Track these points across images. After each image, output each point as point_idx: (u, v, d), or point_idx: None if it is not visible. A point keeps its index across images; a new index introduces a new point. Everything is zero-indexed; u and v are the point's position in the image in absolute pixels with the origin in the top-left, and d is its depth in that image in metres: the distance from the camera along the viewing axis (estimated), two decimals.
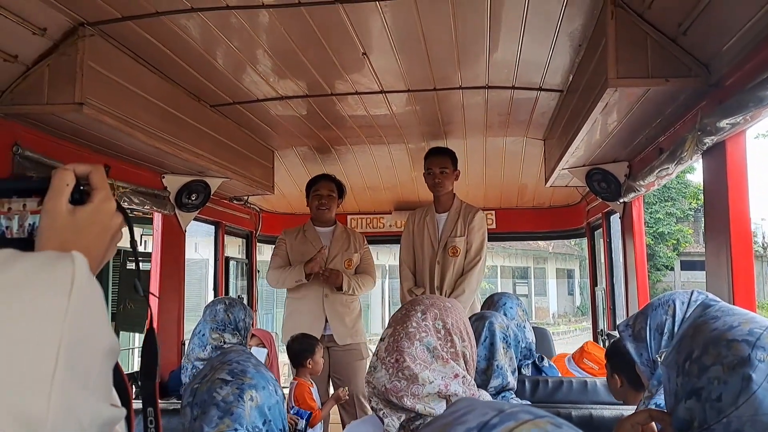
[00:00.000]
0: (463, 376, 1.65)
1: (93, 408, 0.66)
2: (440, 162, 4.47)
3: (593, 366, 3.78)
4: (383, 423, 1.55)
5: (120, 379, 0.93)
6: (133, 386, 4.21)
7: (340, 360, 4.73)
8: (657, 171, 3.16)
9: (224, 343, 3.59)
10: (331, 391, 4.71)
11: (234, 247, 7.23)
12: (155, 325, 4.08)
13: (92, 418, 0.65)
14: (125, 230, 1.05)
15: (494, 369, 2.40)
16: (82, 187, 0.96)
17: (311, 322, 4.68)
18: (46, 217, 0.92)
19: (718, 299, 1.37)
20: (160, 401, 3.25)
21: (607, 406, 2.71)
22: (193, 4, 2.56)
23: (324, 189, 4.86)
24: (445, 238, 4.52)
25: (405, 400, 1.52)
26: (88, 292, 0.69)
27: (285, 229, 5.08)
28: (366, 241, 5.09)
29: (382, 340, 1.65)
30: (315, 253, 4.72)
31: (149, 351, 1.19)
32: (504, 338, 2.47)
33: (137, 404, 1.33)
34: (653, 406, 1.78)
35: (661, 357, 1.40)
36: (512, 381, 2.43)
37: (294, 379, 4.25)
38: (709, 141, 2.42)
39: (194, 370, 3.71)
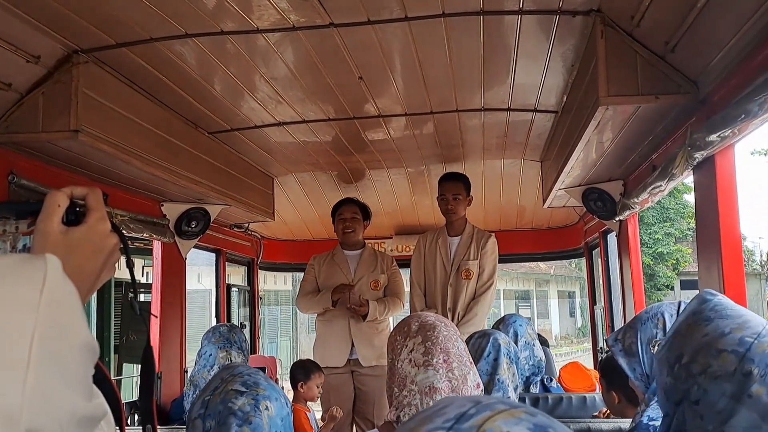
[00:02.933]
0: (480, 386, 1.68)
1: (71, 402, 0.66)
2: (453, 188, 4.50)
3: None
4: None
5: (113, 397, 0.93)
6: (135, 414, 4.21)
7: (366, 385, 4.71)
8: (650, 188, 3.18)
9: (231, 361, 3.60)
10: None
11: (238, 276, 7.25)
12: (156, 354, 4.05)
13: (70, 412, 0.65)
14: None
15: (495, 383, 2.41)
16: (78, 209, 0.99)
17: (338, 347, 4.70)
18: (38, 237, 0.94)
19: (716, 293, 1.37)
20: (162, 428, 3.23)
21: (605, 420, 2.71)
22: (187, 30, 2.60)
23: (347, 212, 4.87)
24: (458, 261, 4.55)
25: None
26: (60, 289, 0.70)
27: (314, 255, 5.09)
28: (395, 263, 5.07)
29: (411, 351, 1.66)
30: (341, 277, 4.75)
31: (147, 368, 1.20)
32: (507, 354, 2.49)
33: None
34: (646, 418, 1.78)
35: (654, 348, 1.40)
36: (513, 396, 2.43)
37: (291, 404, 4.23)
38: (699, 156, 2.45)
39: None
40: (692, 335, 1.27)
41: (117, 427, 0.93)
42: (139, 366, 1.23)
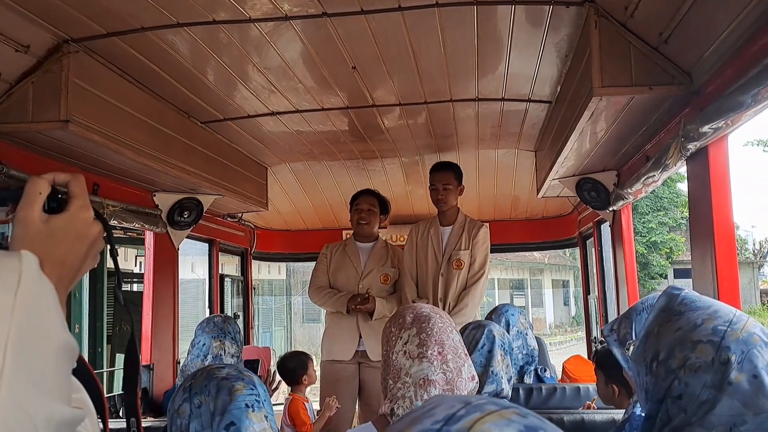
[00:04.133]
0: (475, 378, 1.67)
1: (47, 407, 0.65)
2: (443, 178, 4.46)
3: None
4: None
5: (95, 391, 0.92)
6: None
7: (372, 378, 4.68)
8: (644, 178, 3.19)
9: (225, 351, 3.60)
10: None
11: (231, 266, 7.24)
12: (148, 345, 4.04)
13: (46, 417, 0.65)
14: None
15: (489, 375, 2.41)
16: (60, 196, 0.95)
17: (346, 339, 4.68)
18: (18, 225, 0.91)
19: (681, 287, 1.37)
20: (154, 420, 3.22)
21: (599, 411, 2.71)
22: (179, 19, 2.58)
23: (365, 203, 4.80)
24: (450, 251, 4.53)
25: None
26: (36, 290, 0.69)
27: (327, 244, 5.03)
28: None
29: (405, 343, 1.66)
30: (351, 269, 4.74)
31: (131, 361, 1.18)
32: (502, 345, 2.49)
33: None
34: (639, 409, 1.78)
35: (629, 350, 1.41)
36: (507, 388, 2.43)
37: (290, 394, 4.24)
38: (692, 147, 2.44)
39: None
40: (666, 331, 1.27)
41: (100, 419, 0.93)
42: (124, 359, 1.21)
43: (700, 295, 1.32)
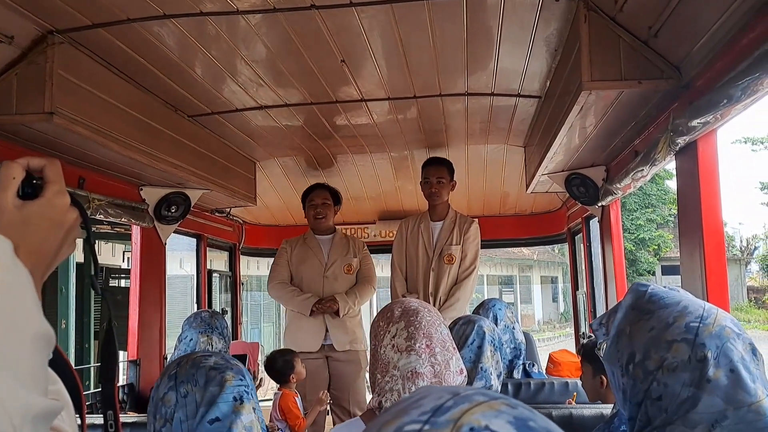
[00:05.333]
0: (463, 372, 1.67)
1: (23, 400, 0.63)
2: (437, 172, 4.49)
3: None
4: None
5: (73, 384, 0.91)
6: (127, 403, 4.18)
7: (340, 371, 4.72)
8: (632, 173, 3.19)
9: (212, 346, 3.59)
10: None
11: (220, 262, 7.22)
12: (135, 340, 3.99)
13: (23, 410, 0.63)
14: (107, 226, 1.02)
15: (478, 371, 2.40)
16: (35, 181, 0.92)
17: (312, 333, 4.69)
18: None
19: (646, 283, 1.37)
20: (139, 416, 3.19)
21: (587, 406, 2.71)
22: (165, 11, 2.54)
23: (318, 198, 4.86)
24: (441, 246, 4.54)
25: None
26: (10, 277, 0.67)
27: (285, 239, 5.07)
28: (366, 247, 5.09)
29: (394, 337, 1.65)
30: (315, 262, 4.77)
31: (108, 352, 1.15)
32: (492, 341, 2.48)
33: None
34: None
35: (601, 350, 1.40)
36: (496, 383, 2.43)
37: (279, 389, 4.24)
38: (681, 141, 2.44)
39: None
40: (638, 332, 1.27)
41: (77, 415, 0.91)
42: (101, 350, 1.17)
43: (667, 290, 1.33)
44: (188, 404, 1.67)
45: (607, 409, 2.47)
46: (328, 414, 4.76)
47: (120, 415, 1.18)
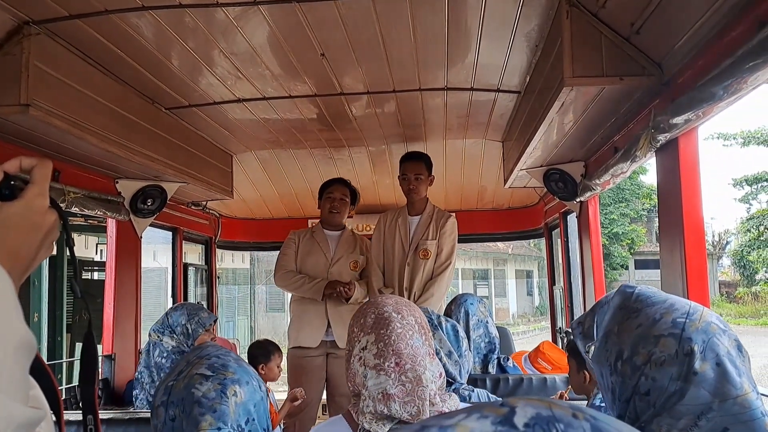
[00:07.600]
0: (442, 375, 1.65)
1: (6, 410, 0.61)
2: (415, 168, 4.46)
3: (546, 366, 3.84)
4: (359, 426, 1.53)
5: (50, 385, 0.88)
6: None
7: (340, 371, 4.62)
8: (612, 170, 3.20)
9: (164, 346, 3.66)
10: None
11: (195, 255, 7.16)
12: (110, 334, 3.95)
13: (6, 420, 0.61)
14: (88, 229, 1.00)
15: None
16: (12, 183, 0.90)
17: (314, 326, 4.63)
18: None
19: (633, 285, 1.38)
20: (116, 411, 3.15)
21: (576, 400, 2.72)
22: (143, 2, 2.50)
23: (337, 192, 4.76)
24: (417, 241, 4.53)
25: (410, 405, 1.51)
26: None
27: (293, 230, 4.97)
28: None
29: (363, 349, 1.61)
30: (321, 256, 4.70)
31: (88, 356, 1.13)
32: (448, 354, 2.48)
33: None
34: (598, 401, 1.79)
35: (589, 352, 1.41)
36: (454, 373, 2.41)
37: None
38: (662, 138, 2.45)
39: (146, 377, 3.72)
40: (626, 330, 1.28)
41: (55, 421, 0.88)
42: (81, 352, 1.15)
43: (654, 290, 1.34)
44: (175, 429, 1.64)
45: (584, 404, 2.48)
46: (325, 413, 4.71)
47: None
